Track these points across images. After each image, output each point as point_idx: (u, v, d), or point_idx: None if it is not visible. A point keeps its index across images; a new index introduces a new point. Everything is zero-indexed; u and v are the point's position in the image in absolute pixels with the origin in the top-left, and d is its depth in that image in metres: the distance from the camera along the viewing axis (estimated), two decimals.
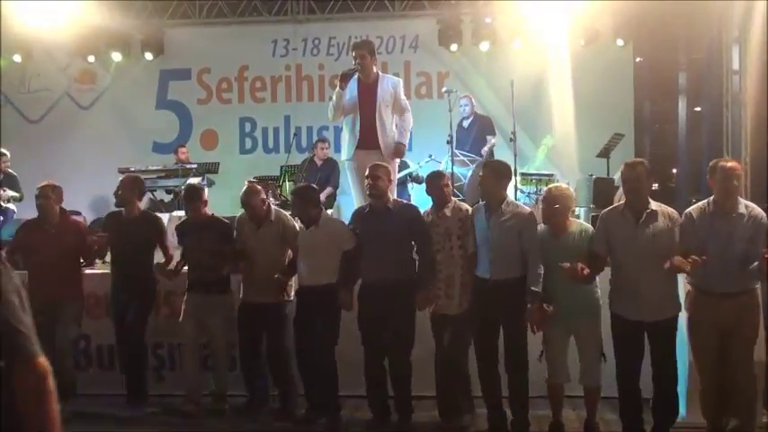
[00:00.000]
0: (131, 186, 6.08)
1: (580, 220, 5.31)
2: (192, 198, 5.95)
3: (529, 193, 8.88)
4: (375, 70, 6.66)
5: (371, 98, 6.56)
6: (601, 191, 8.22)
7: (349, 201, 7.24)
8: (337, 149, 8.63)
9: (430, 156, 8.83)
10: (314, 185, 6.09)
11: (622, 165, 5.02)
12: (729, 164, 4.76)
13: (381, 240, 5.33)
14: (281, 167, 9.13)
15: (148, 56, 11.18)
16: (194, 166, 9.41)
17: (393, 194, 6.01)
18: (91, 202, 10.15)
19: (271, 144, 11.35)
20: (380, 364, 5.44)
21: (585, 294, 5.01)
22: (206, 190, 6.20)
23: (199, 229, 5.88)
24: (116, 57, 11.18)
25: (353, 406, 5.79)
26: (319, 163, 9.35)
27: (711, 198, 4.77)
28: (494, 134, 9.12)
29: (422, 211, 5.59)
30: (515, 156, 8.20)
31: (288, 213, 5.96)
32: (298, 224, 5.77)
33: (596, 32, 10.42)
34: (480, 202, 5.38)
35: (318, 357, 5.52)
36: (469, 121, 9.22)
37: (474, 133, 9.11)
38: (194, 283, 5.88)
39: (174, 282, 5.98)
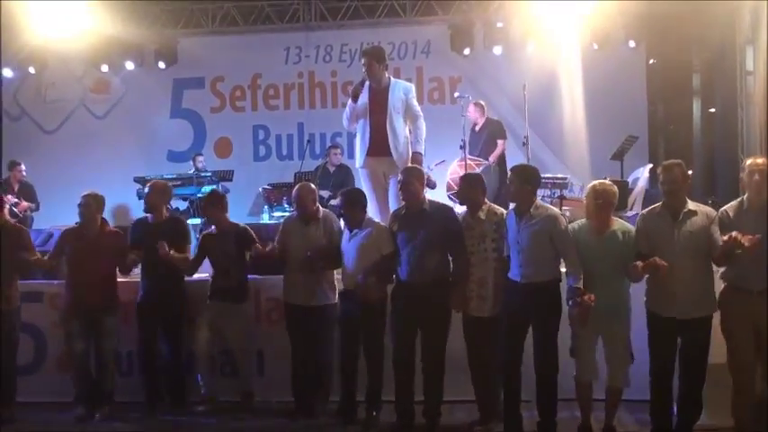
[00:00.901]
0: (162, 192, 6.17)
1: (623, 221, 5.29)
2: (214, 203, 6.03)
3: (543, 196, 8.86)
4: (387, 76, 6.63)
5: (382, 105, 6.52)
6: None
7: None
8: (351, 156, 8.67)
9: (443, 161, 8.83)
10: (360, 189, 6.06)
11: (659, 167, 5.04)
12: (756, 160, 4.81)
13: (417, 241, 5.34)
14: (295, 174, 9.16)
15: (161, 65, 11.28)
16: (209, 173, 9.48)
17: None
18: (107, 210, 10.20)
19: (284, 151, 11.42)
20: (410, 365, 5.42)
21: (617, 294, 5.01)
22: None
23: (220, 237, 5.95)
24: (129, 66, 11.29)
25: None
26: (332, 169, 9.37)
27: (746, 195, 4.82)
28: (504, 138, 9.08)
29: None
30: (528, 159, 8.20)
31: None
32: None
33: (608, 35, 10.41)
34: (511, 207, 5.39)
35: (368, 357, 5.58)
36: (480, 125, 9.21)
37: (485, 137, 9.09)
38: (216, 291, 5.94)
39: None
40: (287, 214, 8.51)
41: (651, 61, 11.07)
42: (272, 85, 11.44)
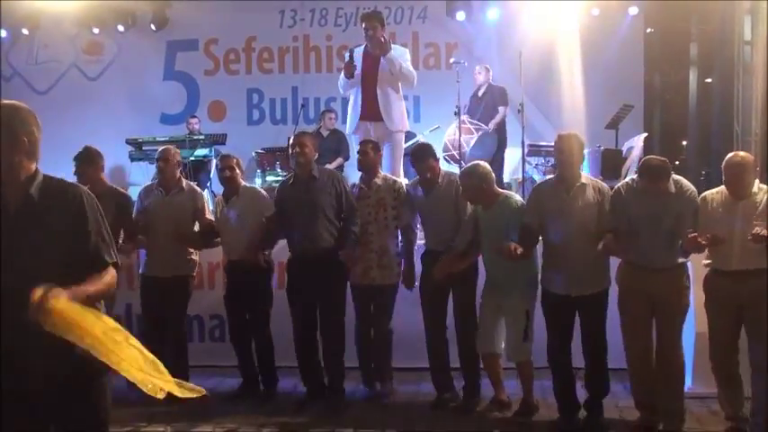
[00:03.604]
0: None
1: (510, 193, 5.26)
2: (85, 161, 5.55)
3: (537, 164, 8.85)
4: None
5: (375, 69, 6.50)
6: (609, 162, 8.20)
7: (356, 171, 7.22)
8: (345, 121, 8.62)
9: (437, 127, 8.79)
10: (231, 156, 5.81)
11: (557, 136, 4.97)
12: (650, 161, 4.65)
13: (306, 210, 5.26)
14: (289, 138, 9.07)
15: (154, 27, 11.11)
16: (202, 136, 9.43)
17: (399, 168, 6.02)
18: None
19: (278, 115, 11.33)
20: (312, 336, 5.38)
21: (516, 268, 4.88)
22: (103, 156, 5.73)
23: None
24: (122, 27, 11.13)
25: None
26: (325, 134, 9.33)
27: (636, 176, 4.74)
28: (506, 104, 9.01)
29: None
30: (523, 127, 8.16)
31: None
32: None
33: (607, 2, 10.28)
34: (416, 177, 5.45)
35: (256, 330, 5.58)
36: (483, 90, 9.13)
37: (485, 103, 9.03)
38: None
39: None
40: (280, 179, 8.50)
41: (649, 30, 10.97)
42: (266, 48, 11.29)
